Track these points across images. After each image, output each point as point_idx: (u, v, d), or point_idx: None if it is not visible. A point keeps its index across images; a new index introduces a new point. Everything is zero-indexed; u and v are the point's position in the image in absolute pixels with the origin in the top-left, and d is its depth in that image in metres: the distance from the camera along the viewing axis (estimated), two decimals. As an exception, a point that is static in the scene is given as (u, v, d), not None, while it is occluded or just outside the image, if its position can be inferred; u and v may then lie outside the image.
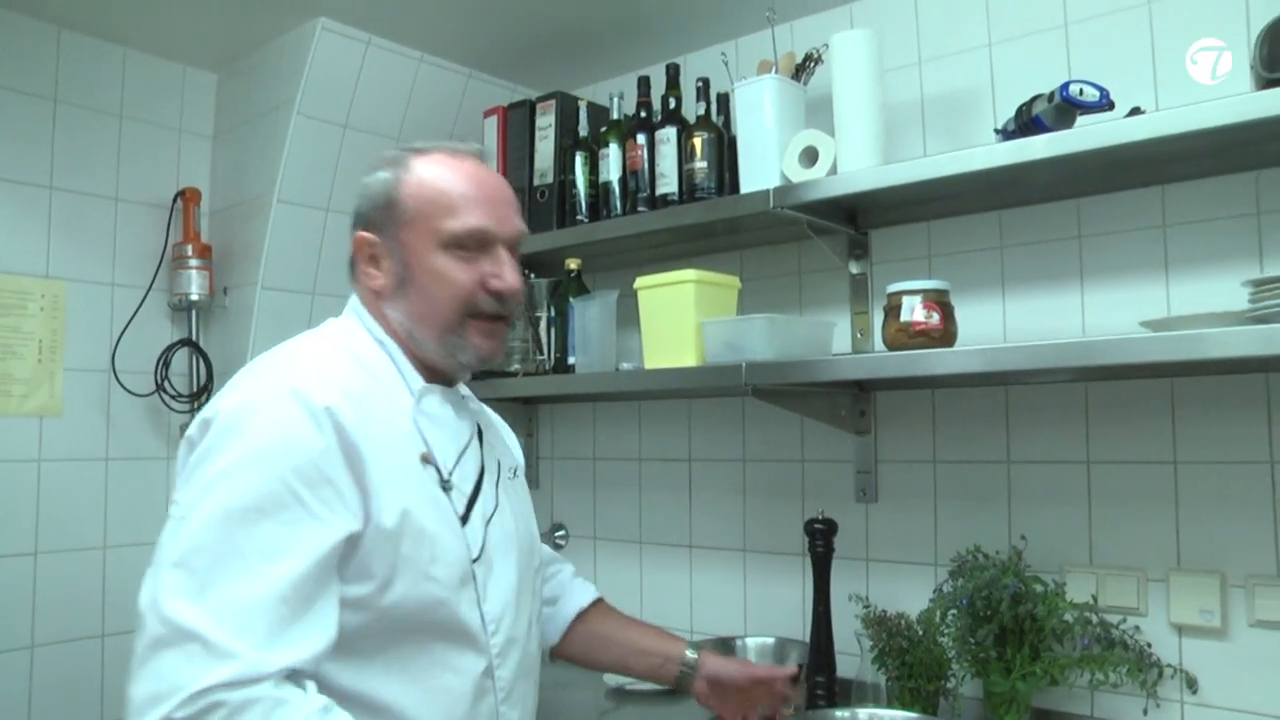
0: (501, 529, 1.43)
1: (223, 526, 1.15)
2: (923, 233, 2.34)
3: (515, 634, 1.40)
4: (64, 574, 2.64)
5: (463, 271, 1.38)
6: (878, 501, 2.39)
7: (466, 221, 1.38)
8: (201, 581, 1.13)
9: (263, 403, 1.23)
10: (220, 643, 1.09)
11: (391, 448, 1.29)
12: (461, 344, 1.40)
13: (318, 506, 1.19)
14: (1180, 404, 2.00)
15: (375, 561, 1.23)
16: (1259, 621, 1.88)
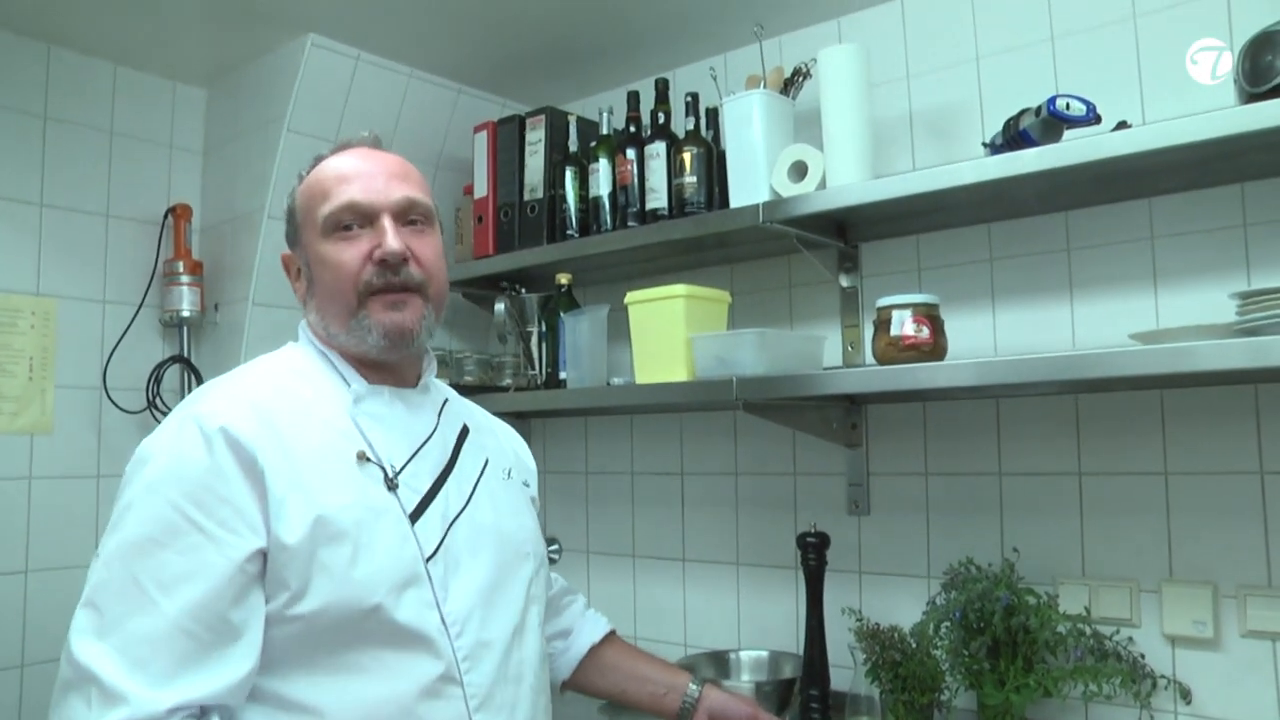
0: (472, 526, 1.38)
1: (122, 562, 1.16)
2: (912, 246, 2.35)
3: (489, 636, 1.33)
4: (55, 592, 2.61)
5: (347, 252, 1.36)
6: (870, 514, 2.39)
7: (336, 200, 1.37)
8: (104, 620, 1.14)
9: (164, 435, 1.25)
10: (114, 685, 1.10)
11: (311, 451, 1.27)
12: (366, 324, 1.36)
13: (215, 529, 1.18)
14: (1170, 416, 2.01)
15: (287, 572, 1.21)
16: (1251, 631, 1.89)
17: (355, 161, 1.41)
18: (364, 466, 1.30)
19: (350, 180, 1.38)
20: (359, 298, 1.35)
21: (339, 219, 1.36)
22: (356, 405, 1.36)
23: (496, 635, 1.35)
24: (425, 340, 1.42)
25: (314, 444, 1.28)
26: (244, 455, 1.21)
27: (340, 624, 1.22)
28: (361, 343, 1.37)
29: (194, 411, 1.25)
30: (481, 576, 1.36)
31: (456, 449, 1.45)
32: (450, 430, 1.47)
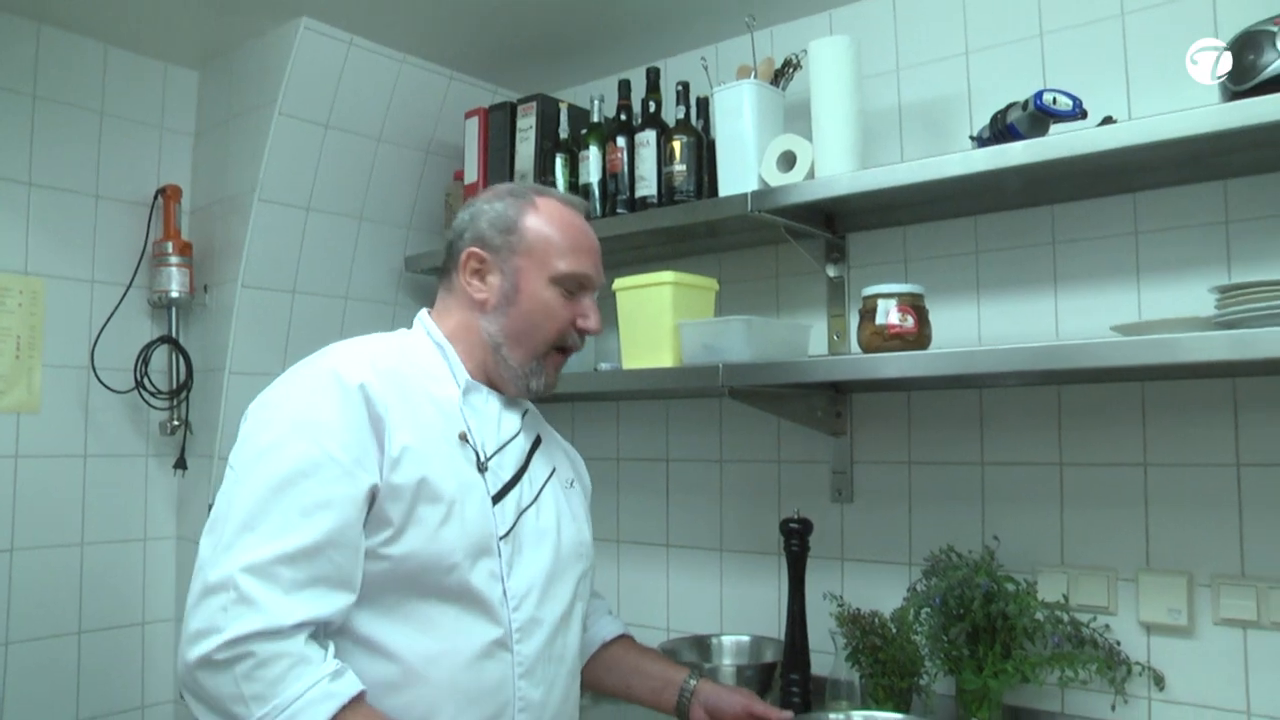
0: (537, 521, 1.55)
1: (269, 490, 1.33)
2: (899, 237, 2.37)
3: (542, 615, 1.49)
4: (41, 571, 2.63)
5: (563, 307, 1.57)
6: (853, 502, 2.42)
7: (575, 266, 1.57)
8: (251, 541, 1.30)
9: (306, 381, 1.43)
10: (249, 593, 1.26)
11: (424, 423, 1.44)
12: (539, 370, 1.58)
13: (351, 466, 1.35)
14: (1150, 407, 2.04)
15: (391, 513, 1.37)
16: (1224, 620, 1.93)
17: (585, 232, 1.63)
18: (463, 447, 1.47)
19: (585, 252, 1.60)
20: (549, 347, 1.59)
21: (572, 281, 1.58)
22: (464, 396, 1.53)
23: (548, 616, 1.51)
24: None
25: (427, 417, 1.46)
26: (374, 411, 1.39)
27: (421, 574, 1.39)
28: (522, 380, 1.58)
29: (330, 366, 1.42)
30: (541, 563, 1.52)
31: (530, 452, 1.61)
32: (528, 436, 1.64)
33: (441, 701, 1.39)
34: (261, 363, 2.71)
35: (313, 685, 1.26)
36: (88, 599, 2.73)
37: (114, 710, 2.77)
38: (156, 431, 2.84)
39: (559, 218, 1.60)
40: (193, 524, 2.80)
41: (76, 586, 2.71)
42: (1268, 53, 1.56)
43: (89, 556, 2.74)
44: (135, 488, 2.84)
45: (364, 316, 2.89)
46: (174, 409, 2.81)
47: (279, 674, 1.25)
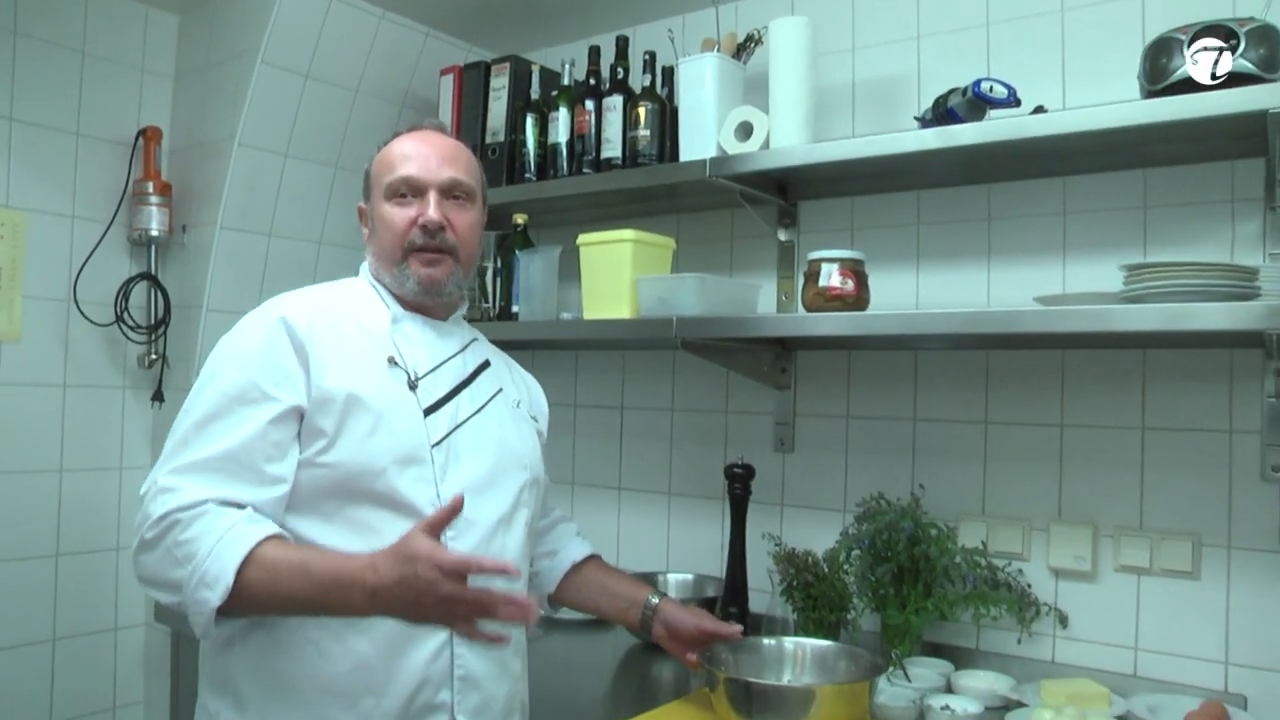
0: (476, 432, 1.67)
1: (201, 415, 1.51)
2: (847, 207, 2.53)
3: (476, 517, 1.59)
4: (20, 495, 2.75)
5: (400, 215, 1.67)
6: (794, 451, 2.60)
7: (397, 173, 1.67)
8: (179, 455, 1.49)
9: (242, 324, 1.62)
10: (170, 485, 1.45)
11: (353, 349, 1.60)
12: (406, 274, 1.67)
13: (272, 389, 1.51)
14: (1069, 374, 2.23)
15: (323, 424, 1.52)
16: (1123, 566, 2.13)
17: (418, 143, 1.71)
18: (392, 369, 1.61)
19: (411, 158, 1.68)
20: (403, 253, 1.67)
21: (396, 188, 1.68)
22: (394, 325, 1.68)
23: (482, 519, 1.61)
24: (453, 292, 1.72)
25: (356, 345, 1.61)
26: (295, 339, 1.55)
27: (353, 481, 1.52)
28: (401, 286, 1.69)
29: (264, 309, 1.61)
30: (478, 470, 1.64)
31: (475, 374, 1.74)
32: (472, 360, 1.77)
33: None
34: (237, 301, 2.82)
35: (230, 528, 1.41)
36: (65, 523, 2.85)
37: (89, 630, 2.91)
38: (134, 364, 2.96)
39: (392, 146, 1.73)
40: (166, 454, 2.91)
41: (55, 511, 2.84)
42: (1176, 58, 1.73)
43: (67, 483, 2.86)
44: (112, 418, 2.96)
45: (337, 260, 3.01)
46: (152, 343, 2.93)
47: (200, 529, 1.41)
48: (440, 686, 1.53)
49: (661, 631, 1.95)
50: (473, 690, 1.56)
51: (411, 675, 1.51)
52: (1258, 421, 2.00)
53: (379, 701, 1.49)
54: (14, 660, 2.74)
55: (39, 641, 2.79)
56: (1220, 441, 2.05)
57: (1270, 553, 1.97)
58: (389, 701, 1.49)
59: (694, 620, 1.93)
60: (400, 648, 1.50)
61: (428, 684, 1.52)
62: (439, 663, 1.53)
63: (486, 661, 1.59)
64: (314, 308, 1.62)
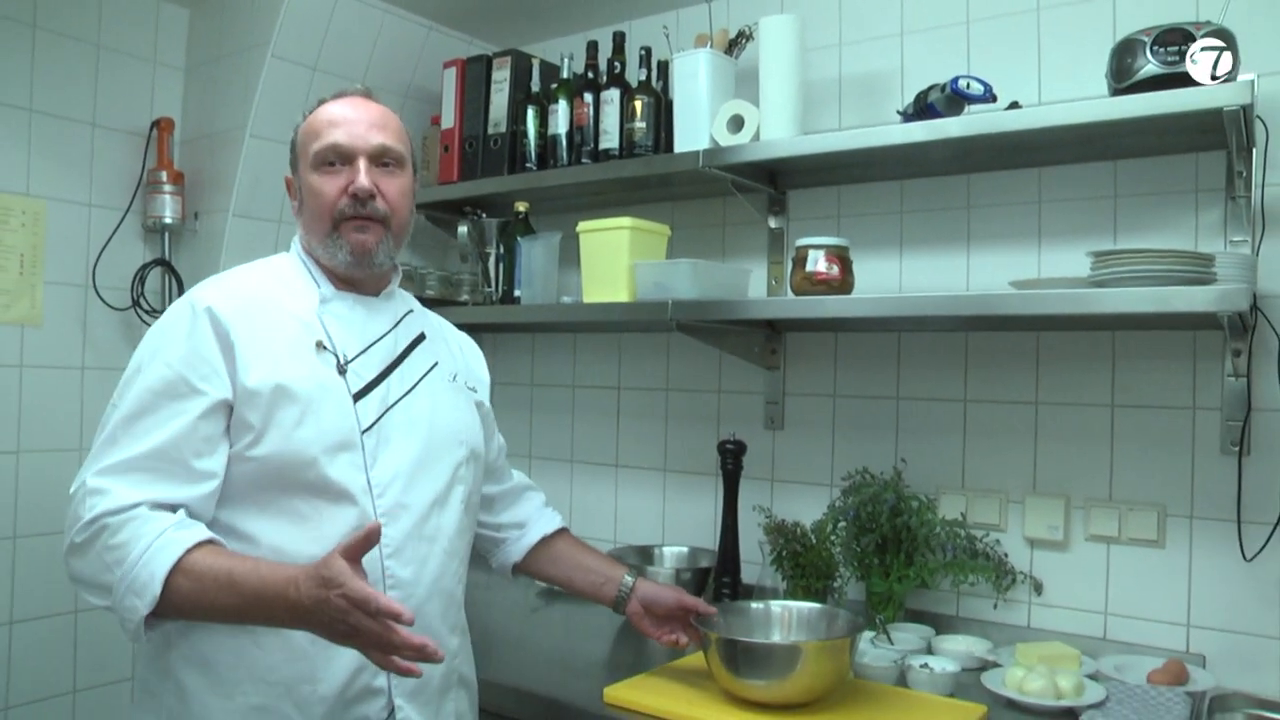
0: (407, 414, 1.66)
1: (127, 411, 1.49)
2: (834, 195, 2.65)
3: (409, 501, 1.61)
4: (45, 472, 2.86)
5: (329, 184, 1.63)
6: (784, 429, 2.73)
7: (323, 141, 1.64)
8: (107, 450, 1.47)
9: (167, 315, 1.59)
10: (99, 487, 1.43)
11: (280, 335, 1.57)
12: (339, 243, 1.63)
13: (198, 381, 1.49)
14: (1043, 355, 2.35)
15: (250, 418, 1.51)
16: (1093, 536, 2.26)
17: (345, 109, 1.68)
18: (320, 353, 1.59)
19: (338, 125, 1.65)
20: (334, 222, 1.64)
21: (324, 157, 1.64)
22: (322, 305, 1.65)
23: (415, 501, 1.62)
24: (385, 261, 1.69)
25: (283, 330, 1.59)
26: (220, 329, 1.52)
27: (284, 472, 1.52)
28: (333, 258, 1.66)
29: (190, 297, 1.58)
30: (410, 453, 1.63)
31: (408, 351, 1.73)
32: (405, 335, 1.75)
33: None
34: (249, 287, 2.94)
35: (159, 534, 1.39)
36: (83, 499, 2.96)
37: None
38: (149, 347, 3.06)
39: (318, 113, 1.69)
40: (181, 433, 3.03)
41: (74, 487, 2.94)
42: (1140, 58, 1.85)
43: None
44: (128, 398, 3.06)
45: (343, 247, 3.11)
46: (166, 326, 3.03)
47: (130, 534, 1.39)
48: (376, 670, 1.53)
49: (636, 608, 1.99)
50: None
51: (346, 660, 1.51)
52: (1218, 399, 2.13)
53: (315, 688, 1.51)
54: (39, 630, 2.86)
55: (62, 613, 2.91)
56: (1184, 418, 2.18)
57: (1229, 522, 2.09)
58: (325, 687, 1.51)
59: (674, 595, 1.99)
60: None
61: (364, 669, 1.53)
62: None
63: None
64: (240, 294, 1.59)
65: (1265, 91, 2.00)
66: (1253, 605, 2.08)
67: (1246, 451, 2.08)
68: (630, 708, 1.89)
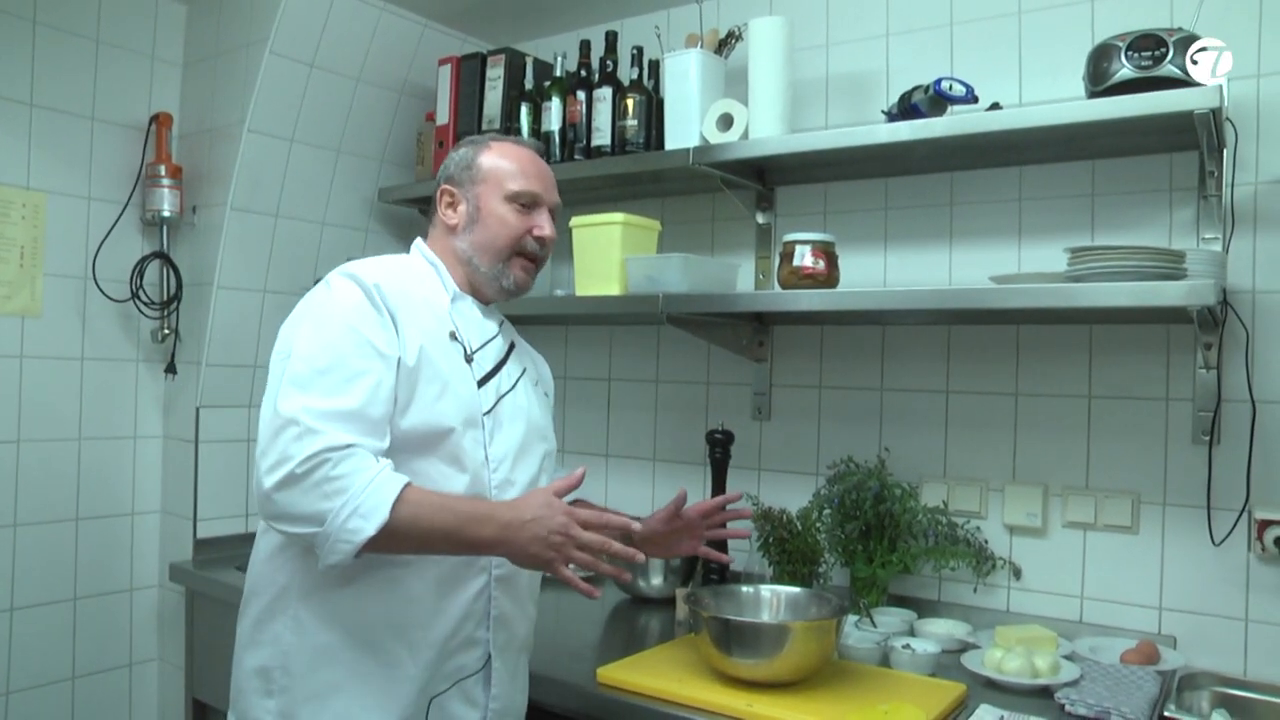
0: (514, 404, 1.84)
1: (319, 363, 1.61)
2: (821, 192, 2.72)
3: (515, 477, 1.79)
4: (42, 462, 2.92)
5: (517, 219, 1.84)
6: (771, 420, 2.80)
7: (524, 185, 1.84)
8: (301, 395, 1.58)
9: (336, 285, 1.71)
10: (314, 427, 1.54)
11: (422, 320, 1.73)
12: (506, 272, 1.84)
13: (379, 341, 1.64)
14: (1023, 347, 2.43)
15: (401, 391, 1.65)
16: (1070, 522, 2.34)
17: (535, 163, 1.90)
18: (453, 343, 1.77)
19: (534, 177, 1.87)
20: (510, 253, 1.85)
21: (521, 199, 1.84)
22: (453, 303, 1.83)
23: (520, 478, 1.81)
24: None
25: (426, 317, 1.75)
26: (389, 305, 1.68)
27: (426, 440, 1.67)
28: (495, 280, 1.86)
29: (353, 274, 1.71)
30: (516, 438, 1.82)
31: (509, 353, 1.92)
32: (505, 340, 1.94)
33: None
34: (246, 279, 3.00)
35: (380, 470, 1.54)
36: (84, 489, 3.03)
37: (106, 591, 3.09)
38: (148, 339, 3.12)
39: (510, 152, 1.87)
40: (179, 424, 3.10)
41: (74, 477, 3.01)
42: (1115, 62, 1.93)
43: (85, 451, 3.03)
44: (126, 390, 3.12)
45: (339, 241, 3.18)
46: (164, 319, 3.09)
47: (351, 469, 1.52)
48: (479, 623, 1.73)
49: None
50: (502, 628, 1.76)
51: (456, 611, 1.70)
52: (1190, 390, 2.21)
53: (426, 633, 1.67)
54: (39, 617, 2.92)
55: (61, 600, 2.97)
56: (1158, 409, 2.26)
57: (1199, 509, 2.18)
58: (434, 634, 1.68)
59: (654, 523, 2.03)
60: (448, 588, 1.69)
61: (469, 619, 1.72)
62: (480, 602, 1.73)
63: (514, 604, 1.79)
64: (396, 279, 1.74)
65: (1235, 95, 2.10)
66: (1221, 589, 2.16)
67: (1217, 441, 2.16)
68: (623, 687, 1.96)
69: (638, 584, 2.61)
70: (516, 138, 1.97)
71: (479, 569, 1.73)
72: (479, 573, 1.73)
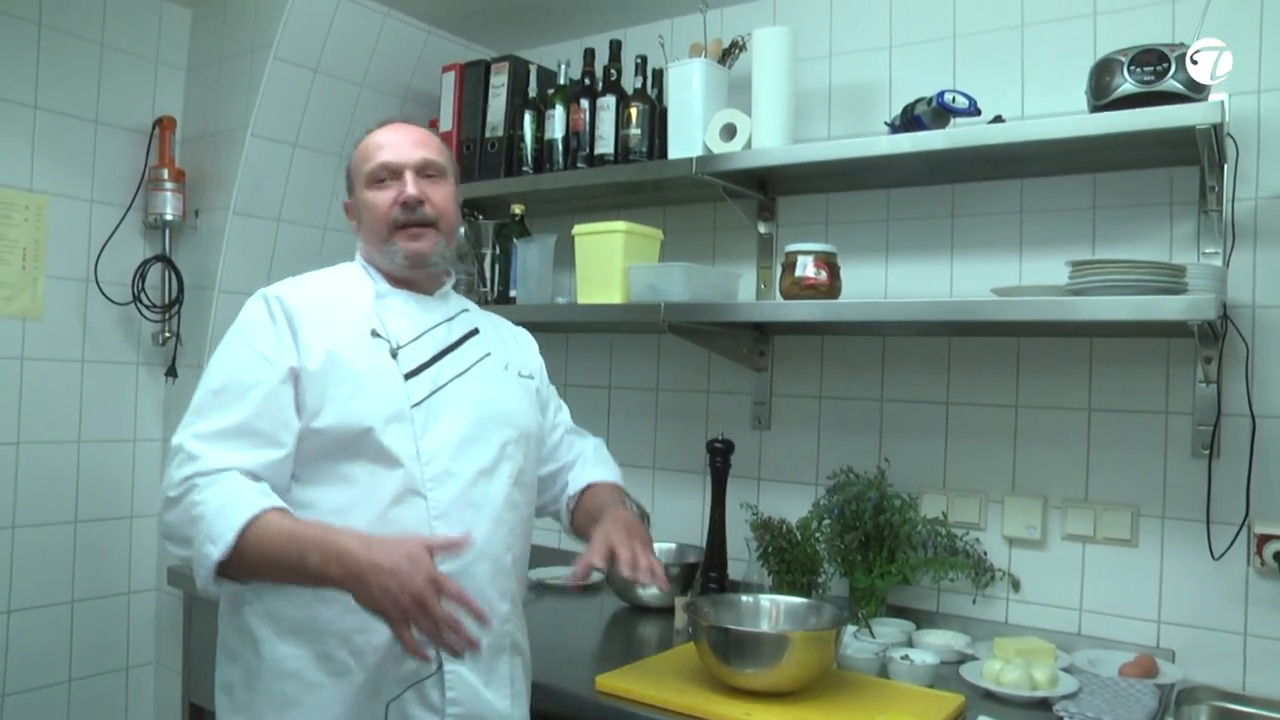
0: (458, 393, 1.81)
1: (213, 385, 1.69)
2: (822, 203, 2.73)
3: (455, 469, 1.75)
4: (42, 464, 2.92)
5: (381, 197, 1.82)
6: (771, 429, 2.80)
7: (375, 162, 1.83)
8: (196, 419, 1.66)
9: (245, 308, 1.77)
10: (194, 451, 1.62)
11: (337, 322, 1.75)
12: (394, 251, 1.82)
13: (273, 356, 1.67)
14: (1024, 360, 2.43)
15: (308, 397, 1.68)
16: (1069, 535, 2.35)
17: (389, 134, 1.88)
18: (375, 340, 1.77)
19: (385, 147, 1.85)
20: (389, 230, 1.82)
21: (376, 175, 1.84)
22: (379, 300, 1.83)
23: (462, 470, 1.76)
24: (439, 261, 1.88)
25: (341, 320, 1.76)
26: (287, 314, 1.71)
27: (344, 440, 1.68)
28: (391, 262, 1.85)
29: (263, 291, 1.77)
30: (458, 428, 1.78)
31: (460, 341, 1.89)
32: (459, 329, 1.91)
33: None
34: (248, 283, 2.95)
35: (239, 494, 1.56)
36: (83, 492, 3.03)
37: (104, 594, 3.09)
38: (148, 342, 3.13)
39: (366, 141, 1.88)
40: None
41: (74, 480, 3.01)
42: (1117, 77, 1.94)
43: (85, 453, 3.03)
44: (127, 393, 3.12)
45: (340, 246, 3.16)
46: (165, 322, 3.09)
47: (214, 492, 1.56)
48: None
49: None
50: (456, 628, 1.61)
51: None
52: (1190, 404, 2.21)
53: (368, 638, 1.64)
54: (36, 619, 2.91)
55: (59, 603, 2.97)
56: (1157, 422, 2.26)
57: (1199, 522, 2.18)
58: (377, 638, 1.64)
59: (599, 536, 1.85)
60: None
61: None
62: None
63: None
64: (306, 289, 1.78)
65: (1236, 110, 2.10)
66: (1220, 602, 2.16)
67: (1216, 455, 2.17)
68: (622, 695, 1.95)
69: (636, 592, 2.61)
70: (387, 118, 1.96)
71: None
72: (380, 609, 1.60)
